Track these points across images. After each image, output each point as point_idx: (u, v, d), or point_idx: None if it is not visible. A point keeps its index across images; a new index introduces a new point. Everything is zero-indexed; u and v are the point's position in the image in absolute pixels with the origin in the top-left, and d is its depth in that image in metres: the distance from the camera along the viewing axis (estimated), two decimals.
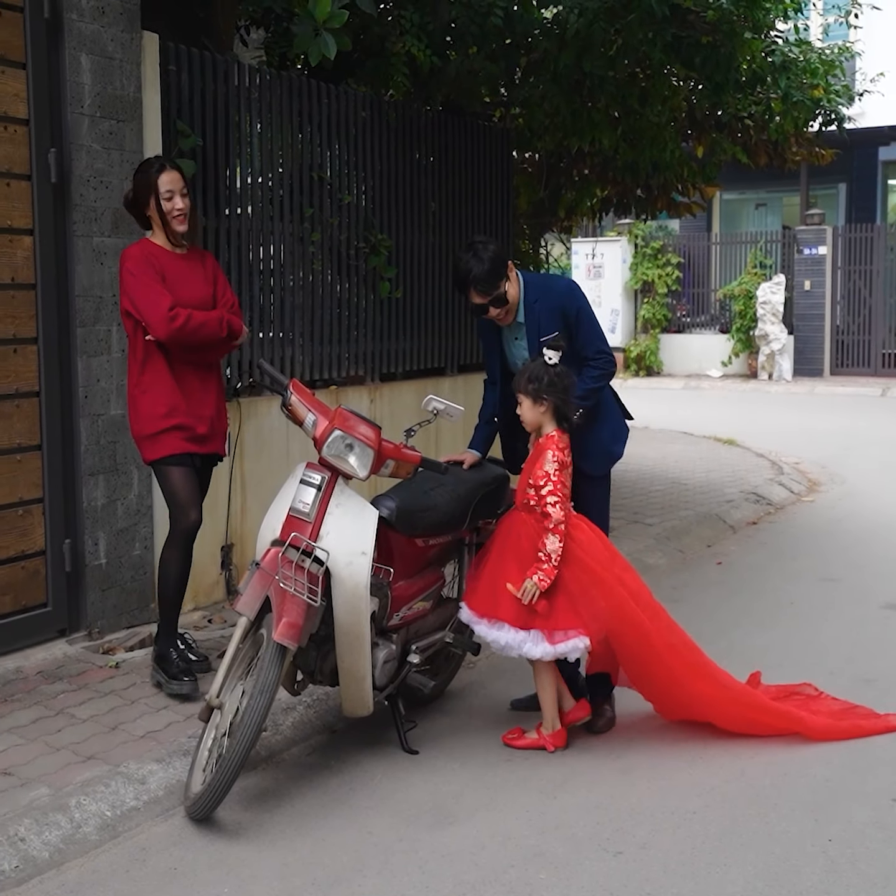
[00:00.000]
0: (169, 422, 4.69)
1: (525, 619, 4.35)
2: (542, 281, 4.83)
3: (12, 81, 4.96)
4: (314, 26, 5.61)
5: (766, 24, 7.80)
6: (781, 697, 4.82)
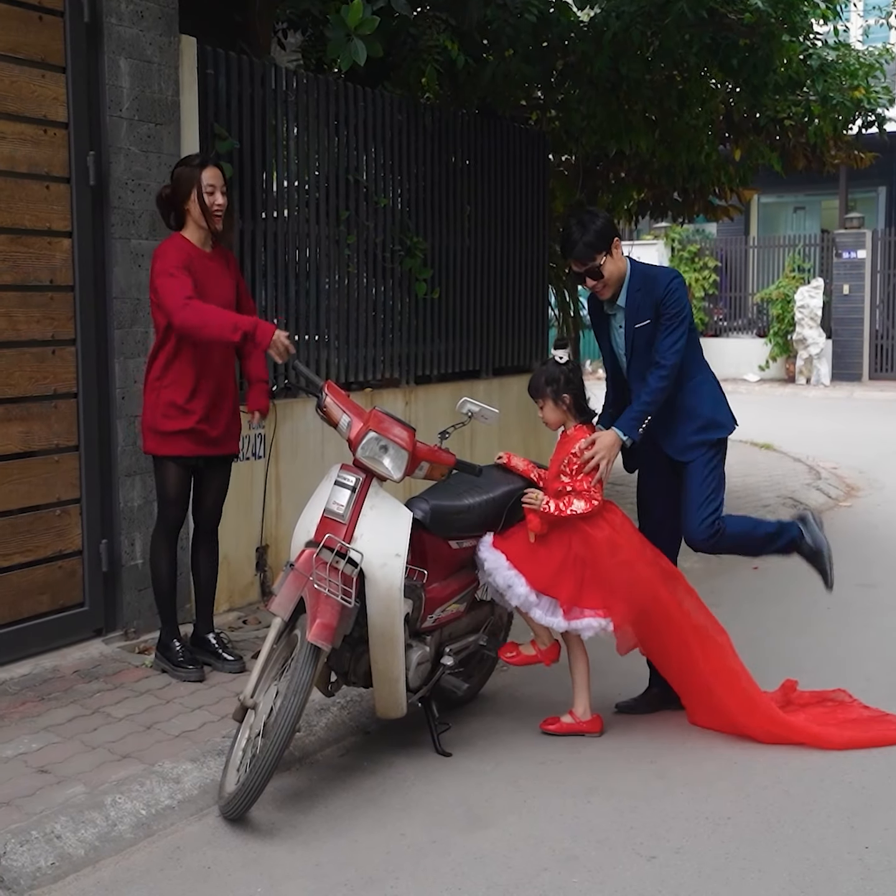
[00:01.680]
0: (184, 424, 4.74)
1: (545, 584, 4.42)
2: (650, 271, 4.75)
3: (52, 85, 5.01)
4: (346, 32, 5.64)
5: (804, 27, 7.74)
6: (814, 703, 4.79)
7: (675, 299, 4.60)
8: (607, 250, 4.59)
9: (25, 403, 4.98)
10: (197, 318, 4.51)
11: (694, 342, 4.69)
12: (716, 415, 4.72)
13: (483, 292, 8.14)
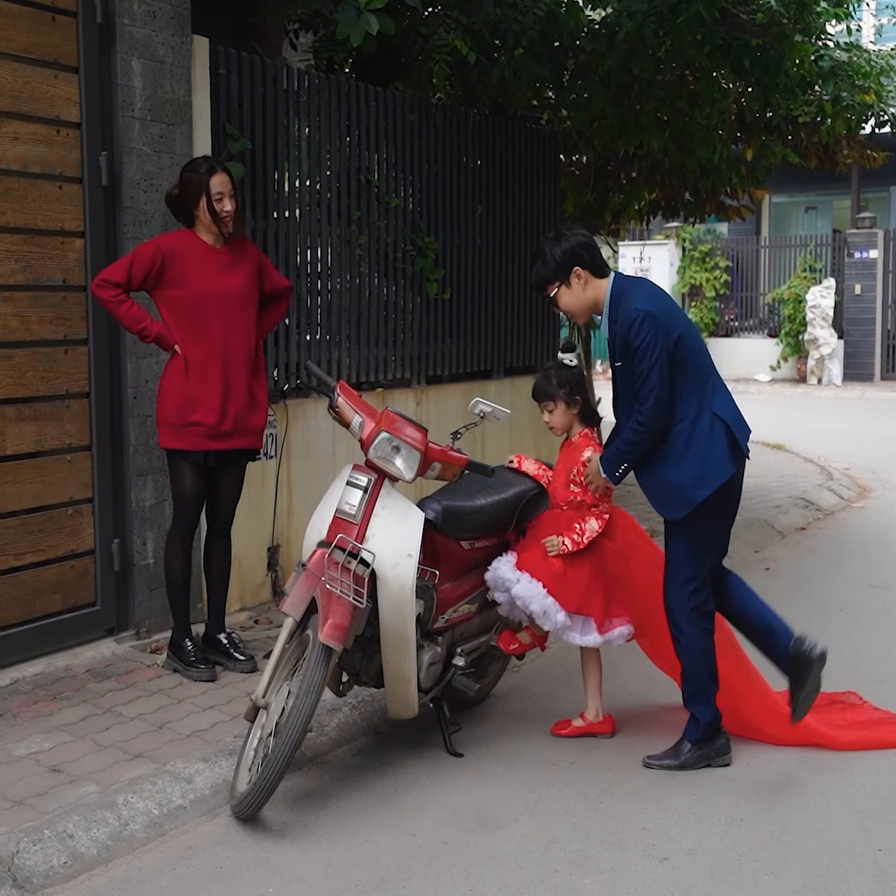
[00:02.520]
0: (190, 416, 4.75)
1: (578, 605, 4.41)
2: (624, 303, 4.21)
3: (65, 85, 5.02)
4: (357, 9, 5.65)
5: (817, 27, 7.72)
6: (822, 705, 4.77)
7: (640, 342, 4.10)
8: (562, 281, 4.27)
9: (38, 403, 4.99)
10: (101, 300, 4.74)
11: (685, 375, 4.16)
12: (701, 468, 4.18)
13: (494, 292, 8.13)
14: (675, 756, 4.35)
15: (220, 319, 4.79)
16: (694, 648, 4.33)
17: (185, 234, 4.87)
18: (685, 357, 4.18)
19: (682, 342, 4.17)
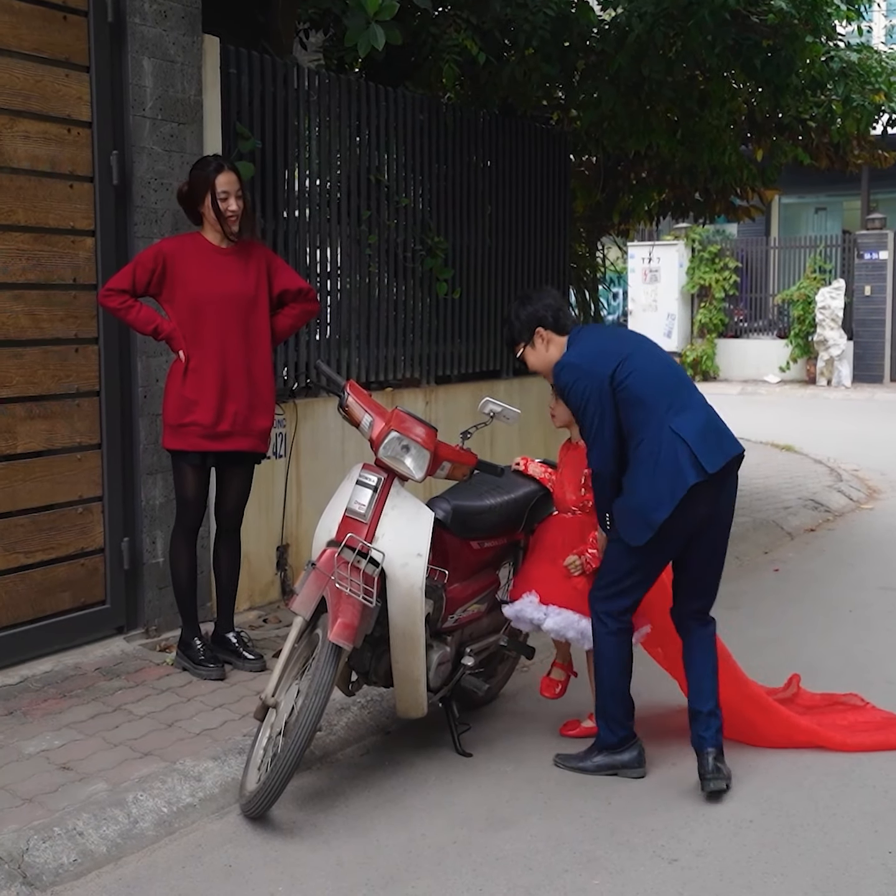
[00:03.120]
0: (188, 416, 4.77)
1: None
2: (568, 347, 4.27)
3: (76, 84, 5.03)
4: (366, 18, 5.64)
5: (827, 28, 7.71)
6: (823, 706, 4.77)
7: (567, 392, 4.16)
8: (526, 342, 4.33)
9: (49, 401, 5.00)
10: (109, 309, 4.79)
11: (633, 405, 4.05)
12: (658, 488, 4.02)
13: (504, 292, 8.12)
14: (582, 759, 4.32)
15: (219, 320, 4.78)
16: (602, 653, 4.27)
17: (189, 236, 4.89)
18: (627, 389, 4.07)
19: (619, 378, 4.07)
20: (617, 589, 4.23)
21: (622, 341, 4.33)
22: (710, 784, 4.07)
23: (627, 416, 4.08)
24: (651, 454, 4.04)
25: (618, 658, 4.26)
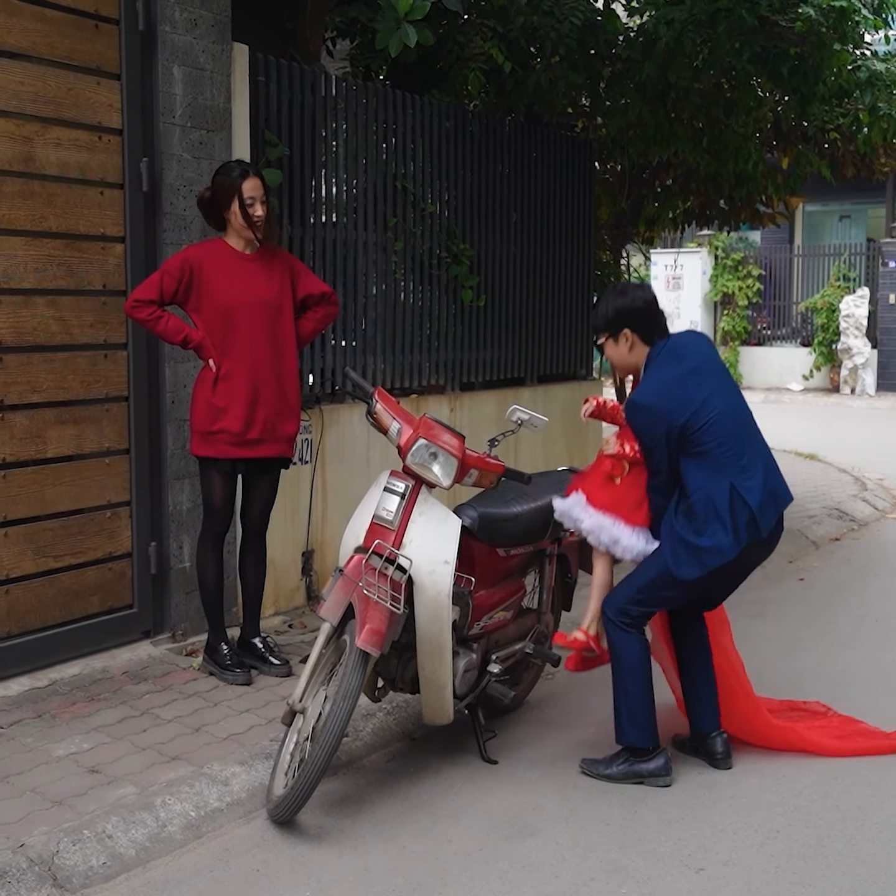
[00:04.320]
0: (217, 424, 4.78)
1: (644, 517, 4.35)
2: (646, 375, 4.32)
3: (107, 92, 5.07)
4: (396, 18, 5.66)
5: (855, 36, 7.68)
6: (783, 710, 4.77)
7: (636, 430, 4.22)
8: (610, 334, 4.33)
9: (78, 406, 5.04)
10: (137, 320, 4.79)
11: (703, 453, 4.13)
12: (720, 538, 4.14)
13: (529, 300, 8.14)
14: (608, 765, 4.33)
15: (248, 326, 4.81)
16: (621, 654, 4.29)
17: (213, 242, 4.91)
18: (700, 439, 4.13)
19: (693, 426, 4.12)
20: (645, 597, 4.26)
21: (701, 378, 4.26)
22: (725, 762, 4.39)
23: (699, 462, 4.15)
24: (721, 507, 4.12)
25: (638, 659, 4.28)
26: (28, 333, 4.83)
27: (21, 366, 4.81)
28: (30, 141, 4.78)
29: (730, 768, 4.39)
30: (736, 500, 4.13)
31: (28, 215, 4.80)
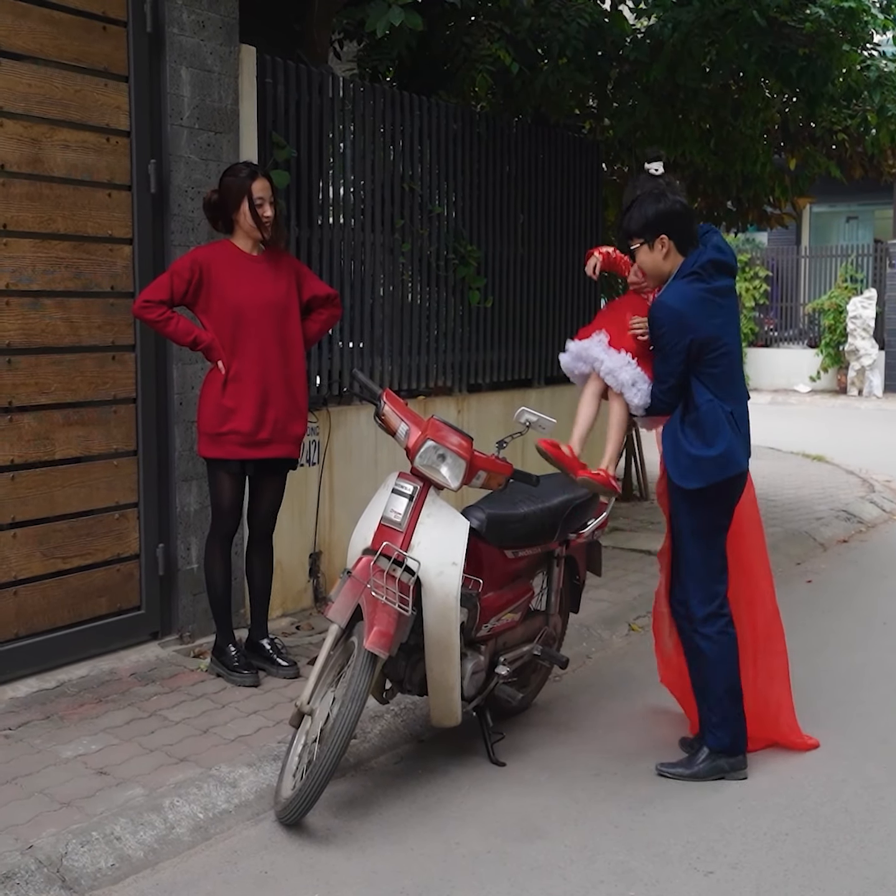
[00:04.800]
0: (227, 426, 4.78)
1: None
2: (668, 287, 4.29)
3: (115, 94, 5.07)
4: (387, 3, 5.70)
5: (864, 37, 7.67)
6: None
7: (657, 334, 4.23)
8: (646, 241, 4.24)
9: (86, 408, 5.05)
10: (147, 321, 4.77)
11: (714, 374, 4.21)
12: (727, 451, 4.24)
13: (536, 301, 8.13)
14: (688, 765, 4.36)
15: (257, 327, 4.81)
16: (711, 658, 4.33)
17: (221, 244, 4.91)
18: (714, 361, 4.21)
19: (713, 346, 4.19)
20: (706, 584, 4.31)
21: (724, 303, 4.29)
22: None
23: (706, 383, 4.22)
24: (725, 418, 4.22)
25: (729, 658, 4.35)
26: (36, 335, 4.84)
27: (29, 367, 4.82)
28: (38, 143, 4.79)
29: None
30: (732, 425, 4.25)
31: (36, 217, 4.81)
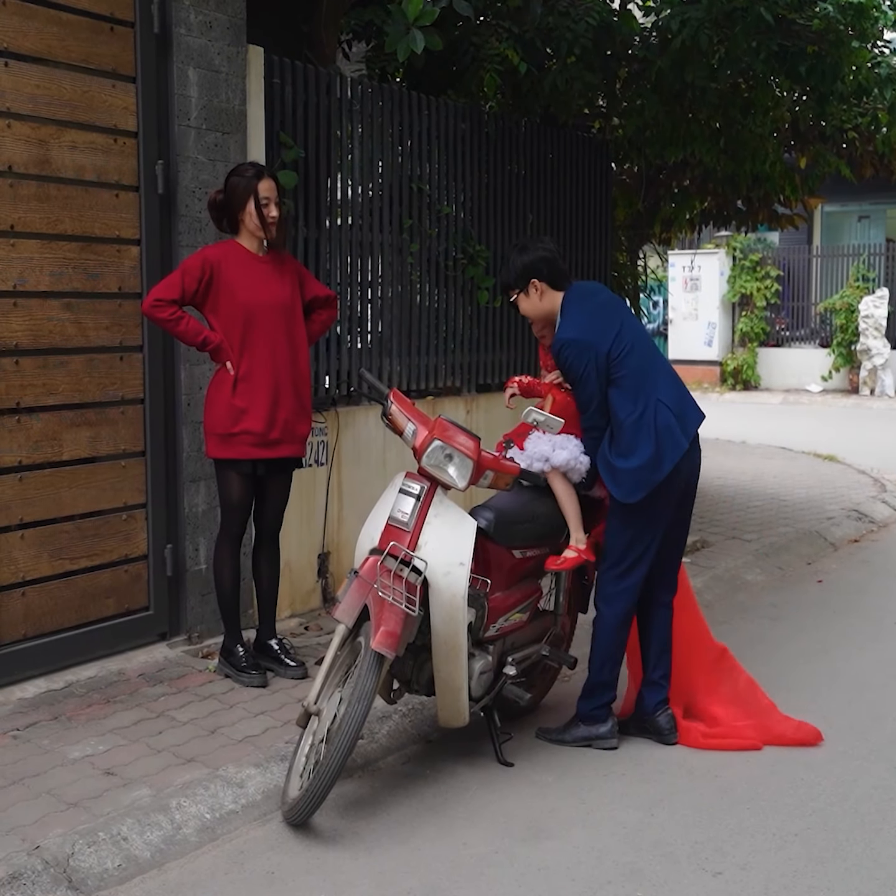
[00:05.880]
0: (239, 426, 4.78)
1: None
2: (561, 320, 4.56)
3: (122, 95, 5.07)
4: (406, 24, 5.70)
5: (874, 33, 7.64)
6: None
7: (566, 367, 4.47)
8: (521, 289, 4.58)
9: (94, 409, 5.05)
10: (158, 320, 4.74)
11: (626, 378, 4.43)
12: (656, 452, 4.42)
13: None
14: (561, 732, 4.64)
15: (268, 328, 4.82)
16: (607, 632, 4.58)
17: (228, 244, 4.91)
18: (621, 364, 4.44)
19: (615, 355, 4.44)
20: (621, 569, 4.51)
21: (610, 310, 4.64)
22: (672, 737, 4.61)
23: (621, 387, 4.45)
24: (647, 422, 4.42)
25: (621, 637, 4.61)
26: (44, 336, 4.84)
27: (37, 368, 4.83)
28: (45, 144, 4.79)
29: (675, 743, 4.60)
30: (659, 407, 4.44)
31: (44, 218, 4.81)
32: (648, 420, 4.42)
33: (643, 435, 4.41)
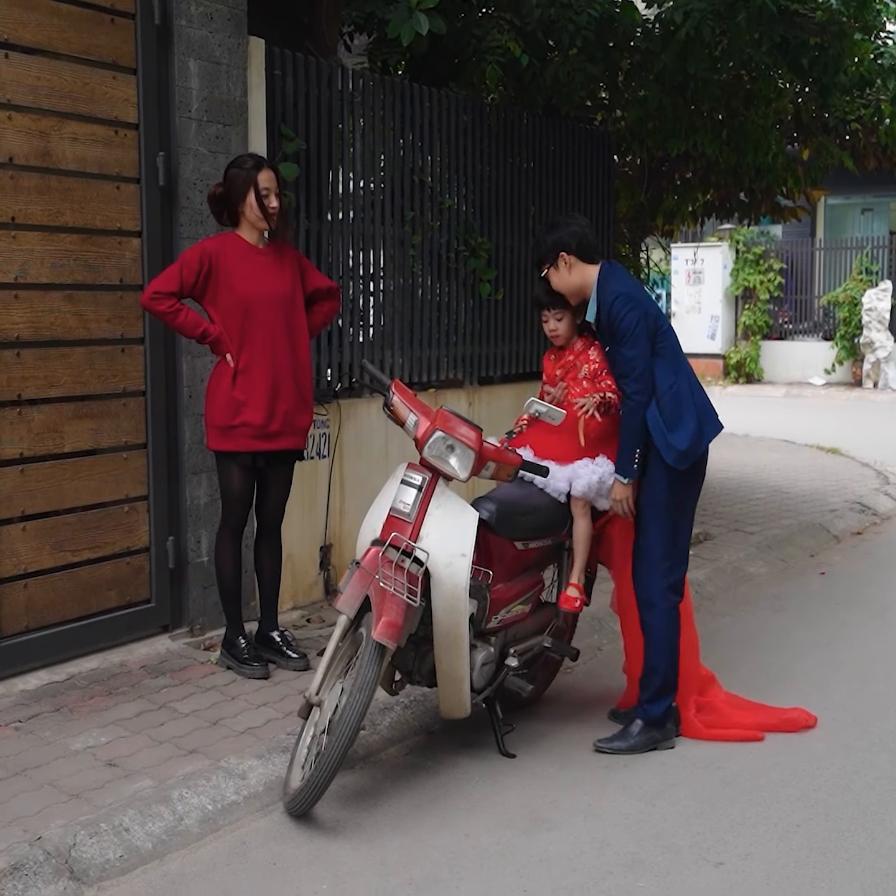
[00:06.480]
0: (238, 419, 4.77)
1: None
2: (604, 290, 4.52)
3: (123, 87, 5.07)
4: (409, 8, 5.71)
5: (877, 25, 7.62)
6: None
7: (621, 321, 4.41)
8: (551, 263, 4.60)
9: (95, 401, 5.05)
10: (156, 313, 4.74)
11: (665, 351, 4.49)
12: (697, 425, 4.50)
13: None
14: (623, 738, 4.51)
15: (268, 320, 4.81)
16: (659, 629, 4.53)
17: (228, 236, 4.90)
18: (664, 335, 4.51)
19: (661, 322, 4.53)
20: (672, 560, 4.51)
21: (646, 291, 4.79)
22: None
23: (664, 357, 4.48)
24: (685, 396, 4.49)
25: (675, 633, 4.55)
26: (45, 328, 4.84)
27: (38, 360, 4.82)
28: (46, 136, 4.79)
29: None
30: (695, 385, 4.56)
31: (45, 210, 4.81)
32: (686, 395, 4.49)
33: (685, 409, 4.47)
